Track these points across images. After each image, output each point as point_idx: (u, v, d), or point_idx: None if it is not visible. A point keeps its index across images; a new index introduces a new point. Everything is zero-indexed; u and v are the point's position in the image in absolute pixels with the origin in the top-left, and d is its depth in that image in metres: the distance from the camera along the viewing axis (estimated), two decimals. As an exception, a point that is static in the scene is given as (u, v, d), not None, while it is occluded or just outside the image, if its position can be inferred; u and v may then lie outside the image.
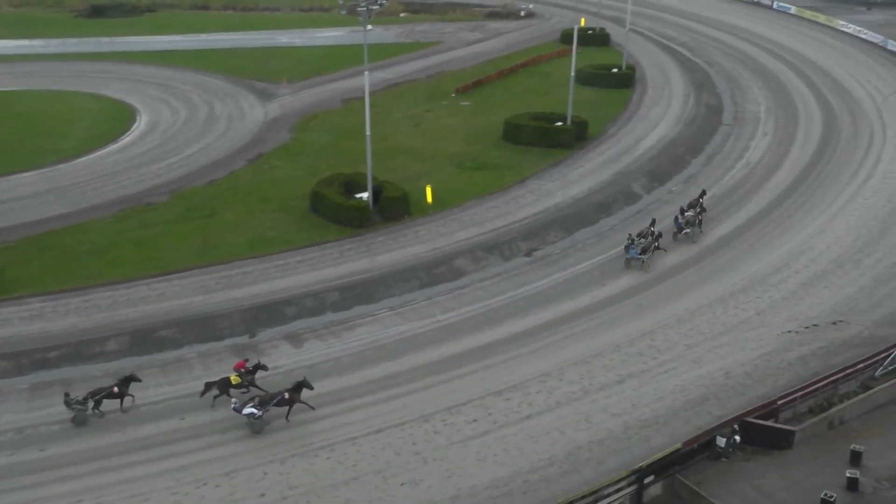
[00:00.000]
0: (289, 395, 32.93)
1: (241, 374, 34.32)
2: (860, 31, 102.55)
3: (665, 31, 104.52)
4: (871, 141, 65.10)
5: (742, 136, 66.44)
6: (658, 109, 72.55)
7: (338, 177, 52.52)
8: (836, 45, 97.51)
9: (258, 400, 32.59)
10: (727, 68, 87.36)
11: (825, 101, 75.89)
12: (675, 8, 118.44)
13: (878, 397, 33.84)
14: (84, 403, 32.80)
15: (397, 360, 36.96)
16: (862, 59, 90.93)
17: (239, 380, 34.03)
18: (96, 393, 33.08)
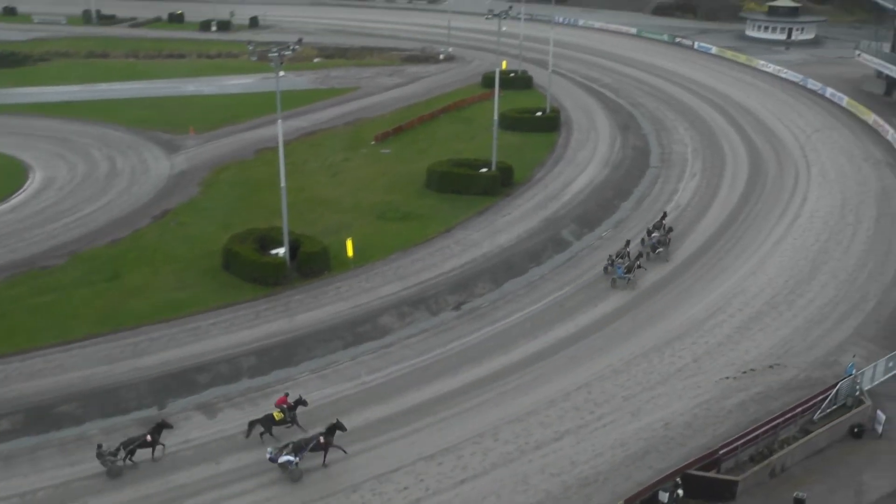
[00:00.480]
0: (323, 438, 33.52)
1: (284, 409, 35.46)
2: (780, 70, 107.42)
3: (588, 72, 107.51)
4: (796, 180, 67.76)
5: (670, 178, 68.35)
6: (584, 153, 74.19)
7: (252, 232, 51.87)
8: (757, 85, 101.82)
9: (292, 447, 33.08)
10: (652, 109, 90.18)
11: (750, 140, 78.86)
12: (596, 49, 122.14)
13: (818, 441, 34.78)
14: (116, 454, 33.49)
15: (320, 427, 36.29)
16: (783, 98, 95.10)
17: (282, 415, 35.32)
18: (129, 443, 33.84)
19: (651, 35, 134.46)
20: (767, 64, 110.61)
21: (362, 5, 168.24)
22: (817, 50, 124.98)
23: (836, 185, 66.59)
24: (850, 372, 37.84)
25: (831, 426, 35.25)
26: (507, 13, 72.78)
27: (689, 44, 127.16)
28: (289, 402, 35.96)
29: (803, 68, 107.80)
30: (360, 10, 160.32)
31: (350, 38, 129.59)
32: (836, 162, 72.38)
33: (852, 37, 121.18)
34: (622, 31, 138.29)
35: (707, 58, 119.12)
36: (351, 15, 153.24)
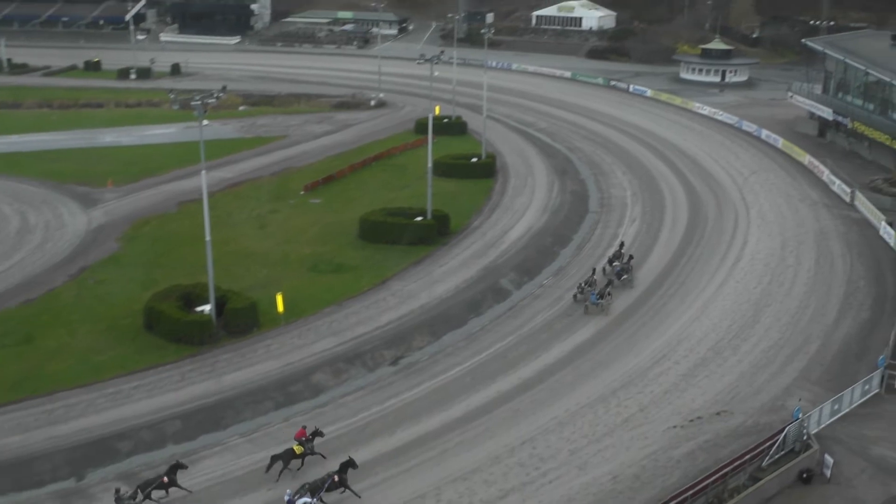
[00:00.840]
0: (338, 477, 34.52)
1: (303, 442, 36.92)
2: (715, 112, 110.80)
3: (523, 116, 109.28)
4: (736, 223, 69.54)
5: (610, 223, 69.50)
6: (522, 199, 75.09)
7: (175, 289, 51.07)
8: (693, 127, 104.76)
9: (307, 487, 33.88)
10: (589, 153, 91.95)
11: (689, 183, 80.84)
12: (531, 93, 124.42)
13: (768, 488, 35.17)
14: (135, 498, 34.12)
15: (252, 495, 35.47)
16: (720, 140, 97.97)
17: (302, 448, 36.73)
18: (146, 485, 34.62)
19: (586, 78, 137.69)
20: (703, 106, 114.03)
21: (289, 51, 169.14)
22: (751, 92, 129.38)
23: (775, 226, 68.52)
24: (796, 416, 38.49)
25: (780, 472, 35.72)
26: (438, 58, 73.80)
27: (625, 87, 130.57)
28: (307, 434, 37.40)
29: (738, 110, 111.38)
30: (287, 56, 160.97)
31: (277, 84, 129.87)
32: (774, 203, 74.57)
33: (784, 78, 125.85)
34: (556, 75, 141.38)
35: (642, 100, 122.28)
36: (277, 61, 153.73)
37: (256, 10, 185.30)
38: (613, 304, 52.98)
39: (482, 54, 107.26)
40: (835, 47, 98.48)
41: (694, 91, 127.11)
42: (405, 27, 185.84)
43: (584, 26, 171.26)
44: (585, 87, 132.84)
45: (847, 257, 61.99)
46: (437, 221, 64.81)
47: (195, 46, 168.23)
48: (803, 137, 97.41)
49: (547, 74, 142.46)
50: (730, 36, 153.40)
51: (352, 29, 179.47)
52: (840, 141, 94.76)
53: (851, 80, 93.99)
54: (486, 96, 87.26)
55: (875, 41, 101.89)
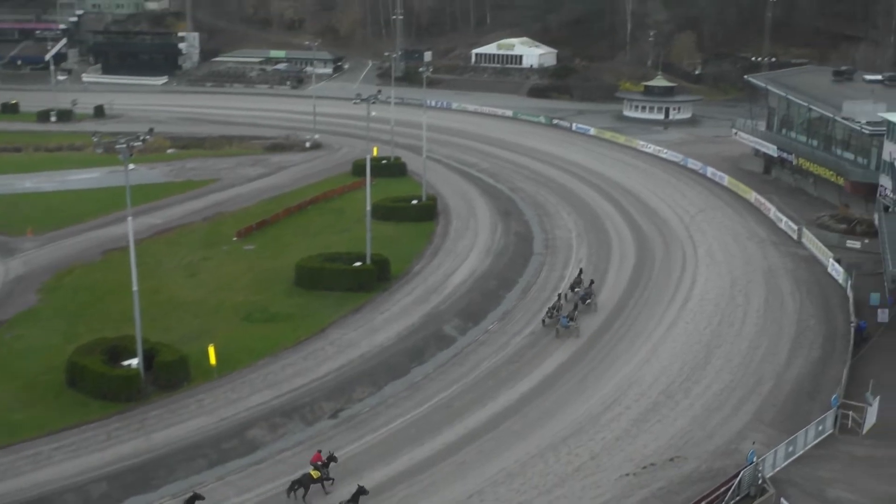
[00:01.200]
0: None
1: (319, 466, 38.56)
2: (660, 150, 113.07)
3: (464, 157, 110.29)
4: (684, 262, 70.76)
5: (556, 265, 70.16)
6: (465, 242, 75.50)
7: (100, 342, 50.07)
8: (638, 166, 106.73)
9: None
10: (532, 193, 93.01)
11: (635, 223, 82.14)
12: (472, 133, 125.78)
13: (726, 536, 35.55)
14: None
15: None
16: (665, 178, 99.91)
17: (318, 473, 38.39)
18: None
19: (527, 117, 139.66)
20: (647, 144, 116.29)
21: (219, 91, 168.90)
22: (695, 129, 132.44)
23: (723, 265, 69.86)
24: (751, 460, 39.01)
25: (735, 519, 36.08)
26: (376, 97, 74.28)
27: (567, 125, 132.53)
28: (323, 459, 39.09)
29: (683, 147, 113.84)
30: (217, 97, 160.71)
31: (207, 126, 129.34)
32: (722, 242, 76.10)
33: (728, 115, 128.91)
34: (497, 114, 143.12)
35: (586, 139, 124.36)
36: (207, 102, 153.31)
37: (184, 49, 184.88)
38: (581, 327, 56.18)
39: (421, 93, 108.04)
40: (777, 83, 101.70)
41: (637, 129, 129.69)
42: (340, 66, 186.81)
43: (524, 64, 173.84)
44: (527, 125, 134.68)
45: (796, 295, 63.42)
46: (376, 266, 64.75)
47: (120, 87, 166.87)
48: (749, 174, 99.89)
49: (488, 113, 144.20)
50: (672, 73, 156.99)
51: (285, 68, 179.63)
52: (785, 178, 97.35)
53: (794, 116, 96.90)
54: (425, 136, 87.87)
55: (817, 77, 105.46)
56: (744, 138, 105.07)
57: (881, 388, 46.25)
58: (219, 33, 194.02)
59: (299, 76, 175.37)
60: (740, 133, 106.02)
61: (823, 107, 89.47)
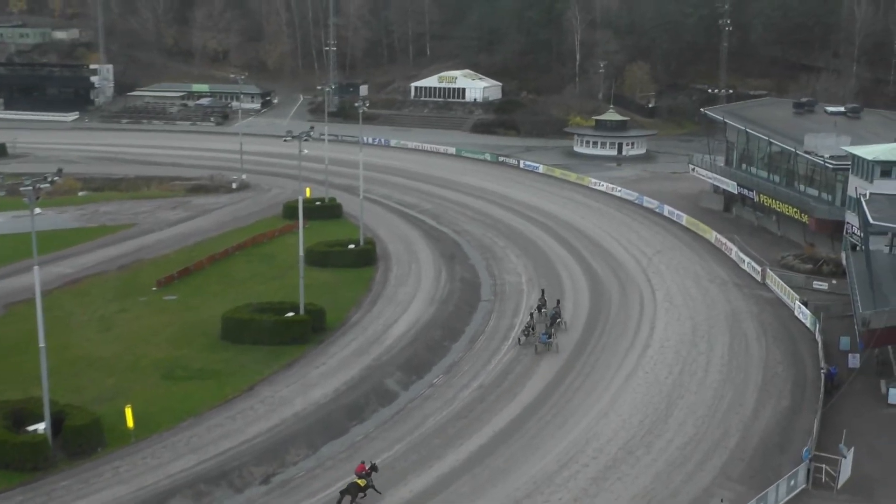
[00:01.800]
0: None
1: (363, 476, 42.48)
2: (613, 188, 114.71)
3: (404, 197, 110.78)
4: (642, 307, 71.44)
5: (505, 313, 70.36)
6: (407, 289, 75.47)
7: (2, 406, 48.73)
8: (590, 205, 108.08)
9: None
10: (479, 236, 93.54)
11: (589, 266, 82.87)
12: (413, 171, 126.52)
13: None
14: None
15: None
16: (620, 218, 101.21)
17: (364, 482, 42.34)
18: None
19: (472, 154, 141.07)
20: (600, 182, 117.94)
21: (136, 129, 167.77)
22: (650, 165, 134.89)
23: (684, 310, 70.68)
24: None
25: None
26: (308, 134, 74.24)
27: (514, 162, 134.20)
28: (366, 468, 42.97)
29: (638, 185, 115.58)
30: (134, 135, 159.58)
31: (122, 166, 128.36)
32: (681, 285, 77.08)
33: (684, 150, 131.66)
34: (440, 151, 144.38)
35: (535, 177, 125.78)
36: (122, 140, 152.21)
37: (97, 82, 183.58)
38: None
39: (357, 129, 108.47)
40: (735, 116, 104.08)
41: (589, 165, 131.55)
42: (269, 101, 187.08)
43: (467, 98, 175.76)
44: (472, 163, 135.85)
45: (762, 340, 64.33)
46: (311, 317, 64.27)
47: (25, 124, 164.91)
48: (708, 213, 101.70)
49: (429, 151, 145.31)
50: (624, 106, 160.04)
51: (208, 103, 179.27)
52: (747, 215, 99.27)
53: (754, 150, 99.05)
54: (362, 175, 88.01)
55: (777, 109, 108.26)
56: (702, 174, 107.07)
57: (855, 438, 46.92)
58: (135, 65, 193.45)
59: (224, 112, 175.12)
60: (698, 169, 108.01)
61: (784, 140, 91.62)
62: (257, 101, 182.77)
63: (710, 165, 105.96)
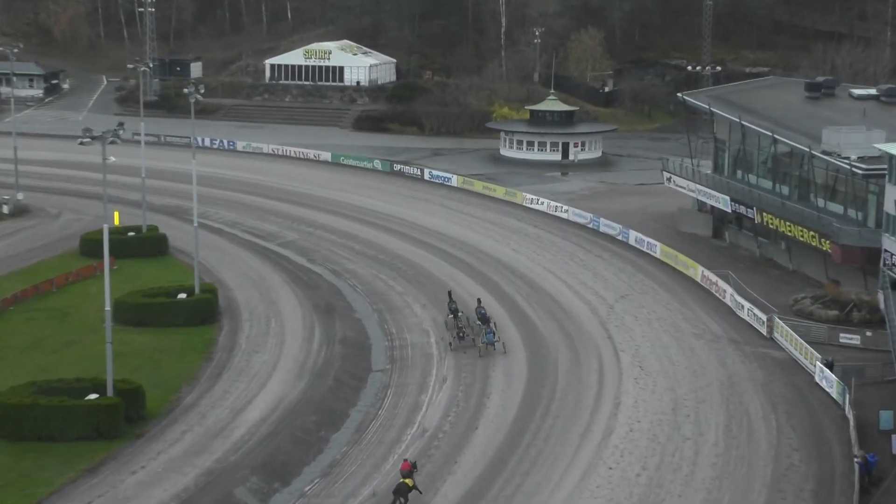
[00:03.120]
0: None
1: (409, 474, 53.40)
2: (558, 207, 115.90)
3: (259, 224, 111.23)
4: (601, 375, 71.99)
5: (408, 388, 70.53)
6: (264, 356, 75.11)
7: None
8: (526, 231, 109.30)
9: None
10: (367, 278, 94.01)
11: (525, 318, 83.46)
12: (270, 187, 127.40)
13: None
14: None
15: None
16: (567, 249, 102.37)
17: (412, 481, 53.32)
18: None
19: (355, 162, 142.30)
20: (538, 199, 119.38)
21: None
22: (609, 173, 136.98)
23: (660, 378, 71.35)
24: None
25: None
26: (116, 134, 73.06)
27: (417, 172, 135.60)
28: (411, 467, 54.00)
29: (592, 202, 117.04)
30: None
31: None
32: (656, 343, 77.88)
33: (656, 152, 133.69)
34: (309, 157, 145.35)
35: (446, 192, 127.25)
36: None
37: None
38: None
39: (187, 127, 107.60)
40: (726, 104, 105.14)
41: (523, 175, 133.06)
42: (57, 85, 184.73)
43: (347, 80, 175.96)
44: (356, 174, 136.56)
45: (771, 419, 65.32)
46: (123, 400, 63.42)
47: None
48: (692, 240, 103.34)
49: (294, 157, 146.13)
50: (570, 91, 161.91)
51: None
52: (745, 243, 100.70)
53: (754, 151, 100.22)
54: (196, 194, 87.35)
55: (783, 93, 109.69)
56: (681, 186, 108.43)
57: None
58: None
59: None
60: (675, 179, 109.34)
61: (795, 137, 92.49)
62: (39, 86, 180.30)
63: (693, 174, 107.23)
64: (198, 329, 79.89)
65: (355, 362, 74.80)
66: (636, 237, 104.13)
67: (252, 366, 73.34)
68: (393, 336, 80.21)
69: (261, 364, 73.66)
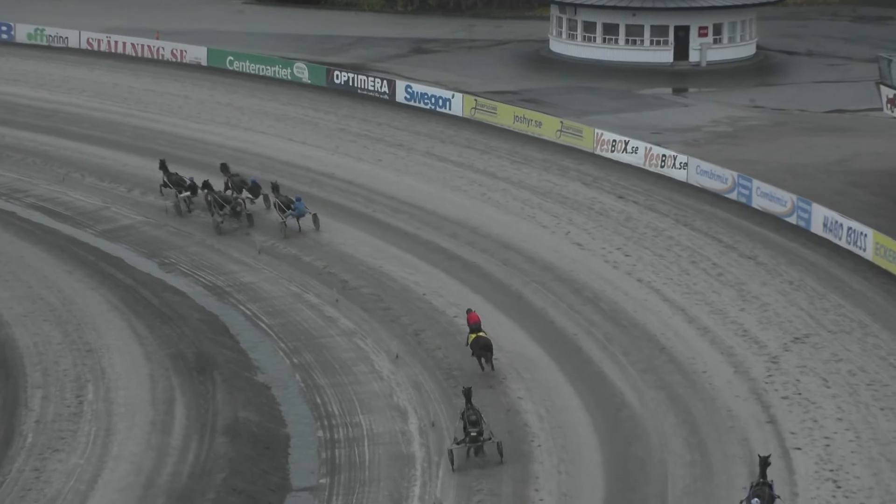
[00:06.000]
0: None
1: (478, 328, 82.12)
2: (668, 158, 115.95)
3: (67, 193, 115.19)
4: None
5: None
6: (71, 460, 74.86)
7: None
8: (604, 205, 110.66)
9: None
10: (282, 300, 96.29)
11: (599, 379, 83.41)
12: (88, 118, 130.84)
13: None
14: None
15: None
16: (687, 243, 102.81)
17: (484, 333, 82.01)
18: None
19: (256, 66, 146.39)
20: (626, 142, 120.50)
21: None
22: (770, 90, 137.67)
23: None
24: None
25: None
26: None
27: (382, 88, 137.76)
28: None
29: (735, 150, 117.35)
30: None
31: None
32: (866, 432, 77.19)
33: (864, 45, 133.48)
34: (165, 57, 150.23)
35: (440, 127, 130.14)
36: None
37: None
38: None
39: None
40: None
41: (597, 94, 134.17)
42: None
43: None
44: (257, 90, 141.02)
45: None
46: None
47: None
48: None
49: (133, 55, 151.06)
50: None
51: None
52: None
53: None
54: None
55: None
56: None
57: None
58: None
59: None
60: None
61: None
62: None
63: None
64: None
65: (256, 474, 74.66)
66: (825, 219, 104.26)
67: (47, 482, 73.32)
68: (333, 419, 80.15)
69: (64, 478, 73.70)
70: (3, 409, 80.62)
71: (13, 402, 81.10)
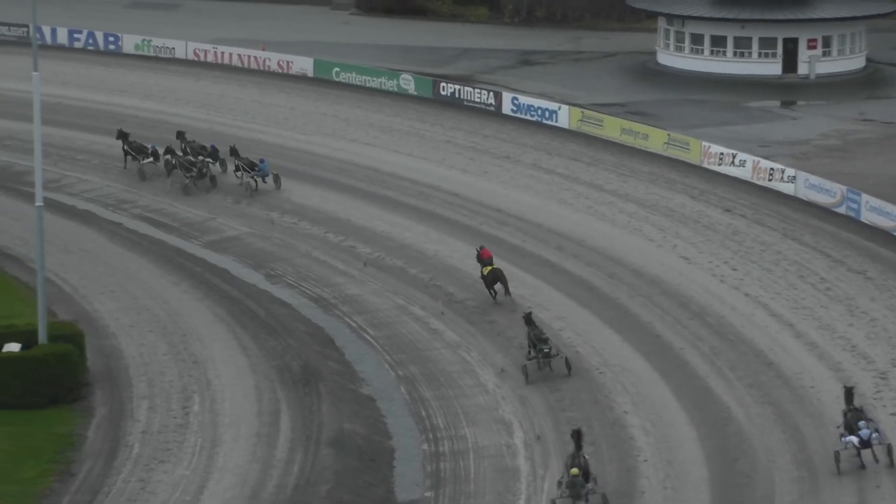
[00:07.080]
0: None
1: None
2: (776, 172, 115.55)
3: (172, 204, 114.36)
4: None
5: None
6: (177, 471, 75.02)
7: None
8: (710, 219, 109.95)
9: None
10: (387, 312, 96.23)
11: (705, 394, 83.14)
12: (196, 129, 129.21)
13: None
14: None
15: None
16: (795, 258, 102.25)
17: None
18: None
19: (362, 77, 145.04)
20: (734, 155, 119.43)
21: None
22: (882, 103, 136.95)
23: None
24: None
25: None
26: None
27: (488, 101, 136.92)
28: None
29: (846, 163, 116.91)
30: None
31: None
32: None
33: None
34: (271, 69, 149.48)
35: (546, 139, 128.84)
36: None
37: None
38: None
39: (23, 6, 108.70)
40: None
41: (704, 107, 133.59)
42: None
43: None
44: (361, 101, 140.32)
45: None
46: None
47: None
48: None
49: (238, 66, 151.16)
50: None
51: None
52: None
53: None
54: (40, 142, 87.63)
55: None
56: None
57: None
58: None
59: None
60: None
61: None
62: None
63: None
64: (45, 414, 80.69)
65: (361, 486, 74.99)
66: None
67: (153, 493, 73.78)
68: (438, 432, 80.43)
69: (170, 489, 74.08)
70: (110, 419, 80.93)
71: (119, 413, 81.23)
